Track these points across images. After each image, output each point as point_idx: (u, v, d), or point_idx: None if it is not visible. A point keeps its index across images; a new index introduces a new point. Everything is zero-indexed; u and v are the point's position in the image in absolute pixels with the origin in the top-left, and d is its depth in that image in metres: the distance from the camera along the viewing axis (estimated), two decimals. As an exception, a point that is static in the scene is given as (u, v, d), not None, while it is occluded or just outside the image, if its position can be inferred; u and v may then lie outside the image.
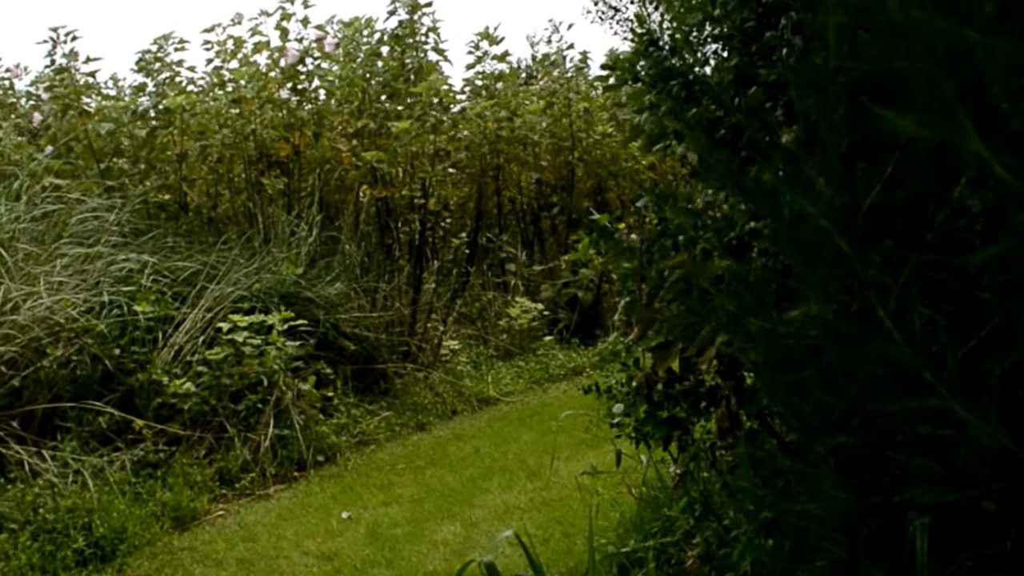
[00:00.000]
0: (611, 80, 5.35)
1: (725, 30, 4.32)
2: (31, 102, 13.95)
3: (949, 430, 2.34)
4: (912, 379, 2.36)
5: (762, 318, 3.08)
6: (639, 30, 4.90)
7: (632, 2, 21.30)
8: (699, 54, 4.65)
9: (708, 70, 4.69)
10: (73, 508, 7.47)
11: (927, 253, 2.37)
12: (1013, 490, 2.50)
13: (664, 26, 5.00)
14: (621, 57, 5.23)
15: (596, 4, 22.33)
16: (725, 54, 4.37)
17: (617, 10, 21.88)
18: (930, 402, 2.32)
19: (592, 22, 25.31)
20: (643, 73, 4.87)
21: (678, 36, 4.67)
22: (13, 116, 13.12)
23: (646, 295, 5.23)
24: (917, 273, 2.37)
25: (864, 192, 2.42)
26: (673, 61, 4.49)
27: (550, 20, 30.67)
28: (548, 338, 14.45)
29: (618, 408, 5.56)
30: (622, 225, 5.66)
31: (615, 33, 24.17)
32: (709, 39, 4.62)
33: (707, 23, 4.45)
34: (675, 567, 5.23)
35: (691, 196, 4.95)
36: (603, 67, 5.54)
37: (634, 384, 5.46)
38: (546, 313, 14.84)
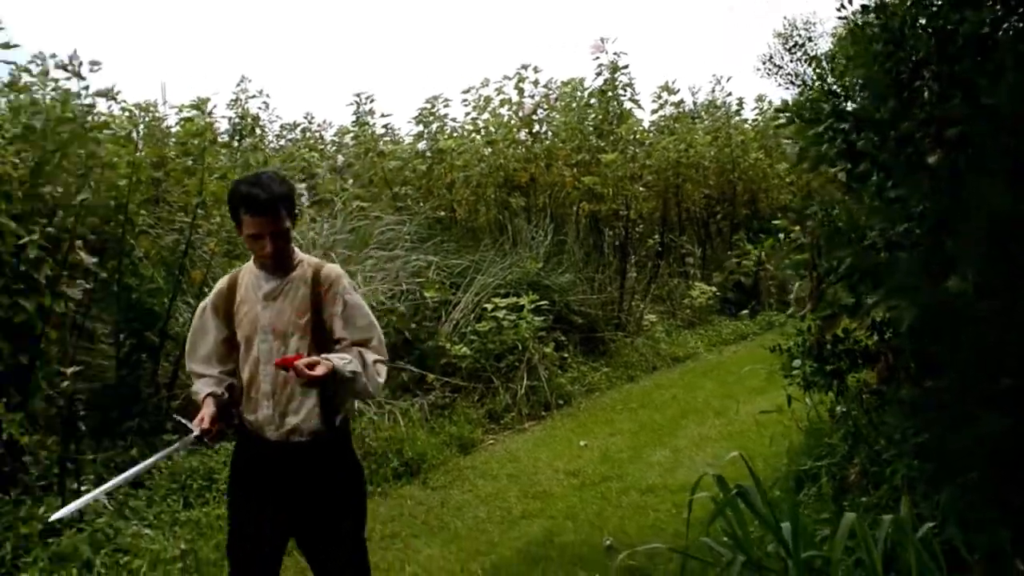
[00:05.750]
0: (781, 119, 5.34)
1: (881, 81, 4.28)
2: (333, 147, 14.36)
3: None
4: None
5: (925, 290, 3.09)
6: (811, 82, 4.91)
7: (791, 60, 21.14)
8: (859, 100, 4.63)
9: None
10: (389, 438, 7.72)
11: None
12: None
13: (828, 79, 5.00)
14: (790, 103, 5.23)
15: (764, 63, 22.21)
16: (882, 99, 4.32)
17: (780, 67, 21.76)
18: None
19: (761, 76, 25.20)
20: (807, 115, 4.87)
21: (847, 86, 4.65)
22: (327, 160, 13.49)
23: (815, 278, 5.21)
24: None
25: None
26: (844, 105, 4.48)
27: (713, 74, 30.54)
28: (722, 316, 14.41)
29: (796, 363, 5.56)
30: (797, 228, 5.63)
31: (778, 84, 24.05)
32: (866, 88, 4.58)
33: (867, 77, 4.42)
34: (839, 481, 5.19)
35: (850, 206, 4.91)
36: (777, 110, 5.53)
37: (807, 344, 5.46)
38: (718, 294, 14.71)
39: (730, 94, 18.22)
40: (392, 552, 5.95)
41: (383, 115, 13.85)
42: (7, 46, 6.39)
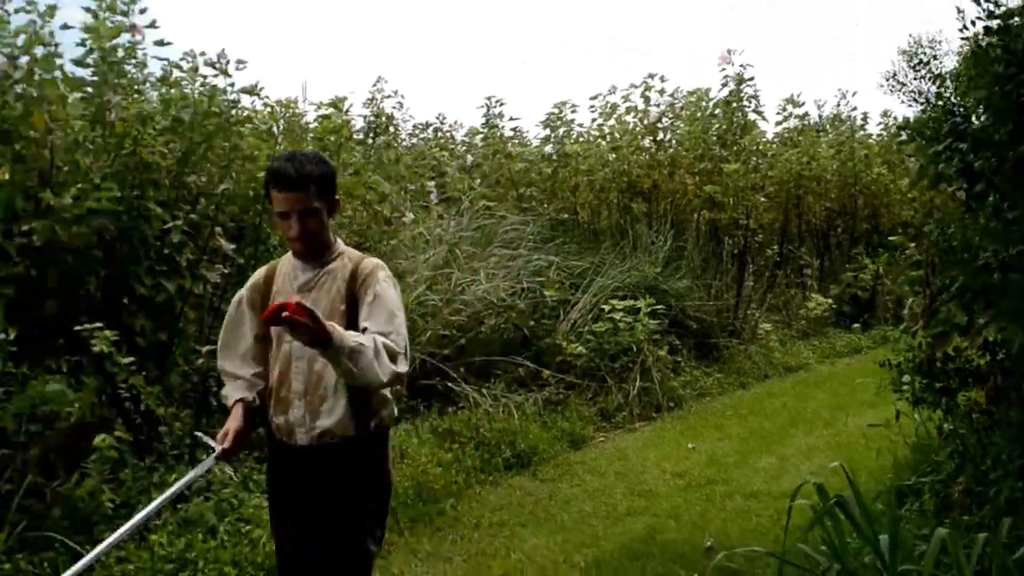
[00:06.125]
0: (903, 136, 5.28)
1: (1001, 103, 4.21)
2: (463, 148, 14.51)
3: None
4: None
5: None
6: (933, 101, 4.85)
7: (915, 78, 20.73)
8: (979, 121, 4.55)
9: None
10: (502, 429, 7.78)
11: None
12: None
13: (951, 98, 4.92)
14: (912, 120, 5.16)
15: (887, 80, 21.80)
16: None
17: (903, 84, 21.36)
18: None
19: (884, 93, 24.77)
20: (928, 133, 4.81)
21: (968, 106, 4.58)
22: (457, 159, 13.64)
23: (928, 295, 5.15)
24: None
25: None
26: (964, 126, 4.41)
27: (839, 88, 30.10)
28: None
29: (906, 379, 5.49)
30: (913, 244, 5.56)
31: (901, 101, 23.61)
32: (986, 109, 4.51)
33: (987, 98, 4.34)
34: (942, 498, 5.11)
35: (965, 225, 4.83)
36: (899, 127, 5.46)
37: (918, 361, 5.38)
38: (833, 306, 14.48)
39: (855, 109, 17.96)
40: (499, 539, 6.03)
41: (511, 119, 14.01)
42: (161, 43, 6.65)
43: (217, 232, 6.72)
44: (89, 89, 6.33)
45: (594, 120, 13.55)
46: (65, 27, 6.22)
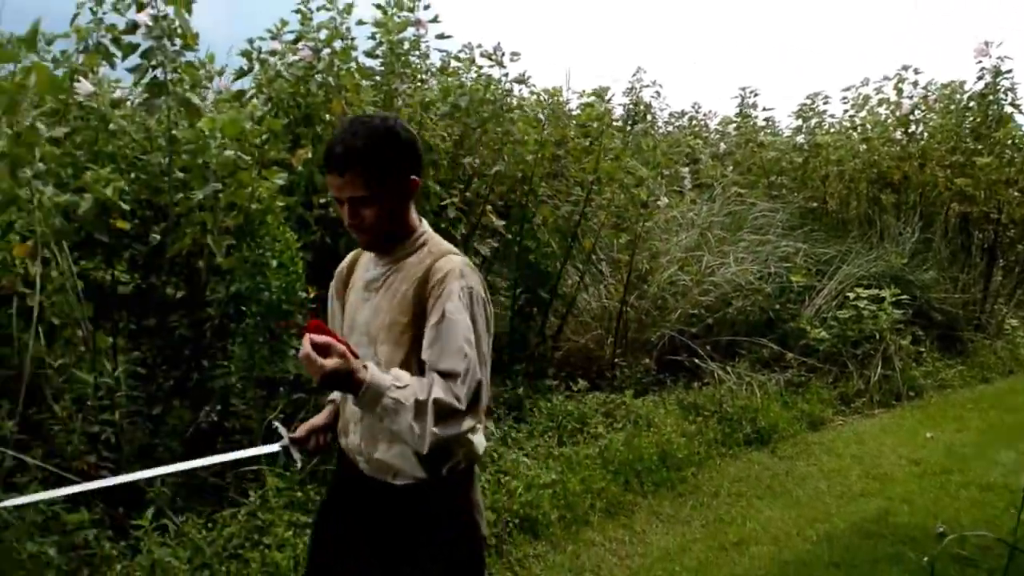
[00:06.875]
0: None
1: None
2: (716, 136, 14.50)
3: None
4: None
5: None
6: None
7: None
8: None
9: None
10: (744, 406, 7.85)
11: None
12: None
13: None
14: None
15: None
16: None
17: None
18: None
19: None
20: None
21: None
22: (710, 147, 13.67)
23: None
24: None
25: None
26: None
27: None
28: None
29: None
30: None
31: None
32: None
33: None
34: None
35: None
36: None
37: None
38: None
39: None
40: (736, 508, 6.16)
41: (764, 109, 13.94)
42: (441, 36, 7.03)
43: (488, 210, 7.10)
44: (378, 78, 6.81)
45: (846, 111, 13.31)
46: (360, 23, 6.70)
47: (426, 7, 6.84)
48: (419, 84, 7.24)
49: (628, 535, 5.64)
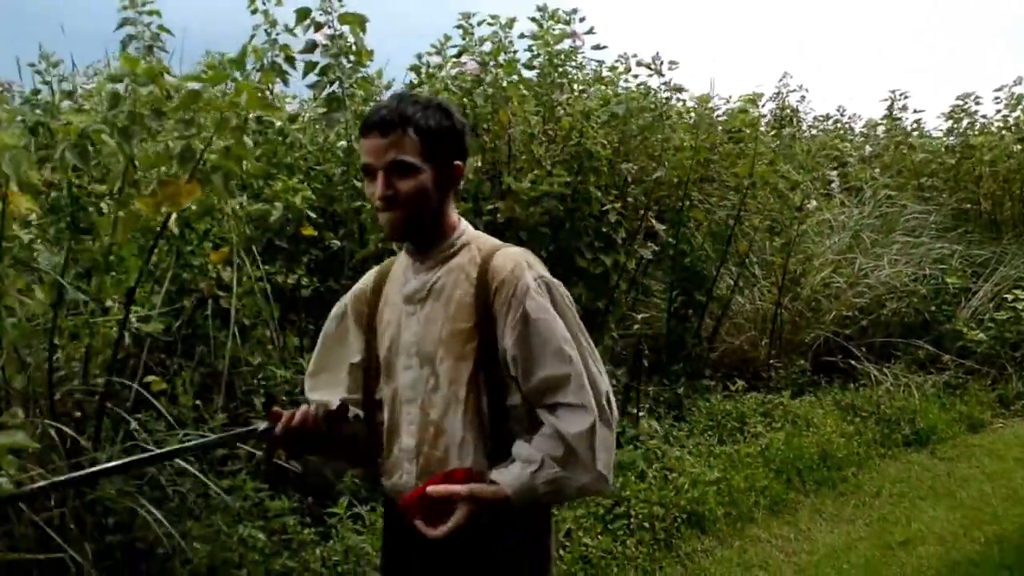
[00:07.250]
0: None
1: None
2: (862, 138, 14.34)
3: None
4: None
5: None
6: None
7: None
8: None
9: None
10: (901, 407, 7.81)
11: None
12: None
13: None
14: None
15: None
16: None
17: None
18: None
19: None
20: None
21: None
22: (857, 150, 13.54)
23: None
24: None
25: None
26: None
27: None
28: None
29: None
30: None
31: None
32: None
33: None
34: None
35: None
36: None
37: None
38: None
39: None
40: (899, 509, 6.16)
41: (915, 111, 13.78)
42: (597, 47, 7.23)
43: (648, 215, 7.29)
44: (539, 88, 7.05)
45: (998, 111, 13.02)
46: (521, 36, 6.96)
47: (581, 19, 7.04)
48: (578, 94, 7.45)
49: (793, 532, 5.73)
